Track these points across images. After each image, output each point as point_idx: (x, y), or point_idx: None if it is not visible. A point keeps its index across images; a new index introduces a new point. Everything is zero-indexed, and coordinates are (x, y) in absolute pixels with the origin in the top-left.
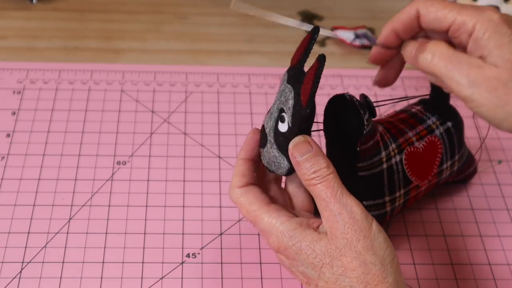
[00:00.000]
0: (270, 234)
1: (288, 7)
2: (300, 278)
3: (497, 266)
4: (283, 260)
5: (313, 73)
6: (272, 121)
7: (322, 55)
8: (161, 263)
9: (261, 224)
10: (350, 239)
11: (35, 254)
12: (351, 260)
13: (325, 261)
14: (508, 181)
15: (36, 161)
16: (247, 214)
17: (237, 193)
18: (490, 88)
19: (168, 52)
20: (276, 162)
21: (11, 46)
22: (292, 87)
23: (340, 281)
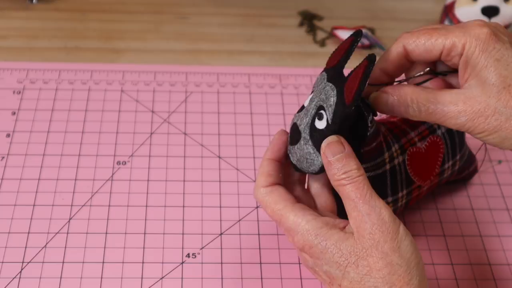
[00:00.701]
0: (295, 233)
1: (288, 7)
2: (323, 277)
3: (497, 266)
4: (307, 259)
5: (361, 71)
6: (308, 117)
7: (372, 55)
8: (161, 263)
9: (286, 222)
10: (377, 240)
11: (35, 254)
12: (377, 260)
13: (351, 260)
14: (508, 181)
15: (36, 161)
16: (272, 213)
17: (262, 192)
18: (482, 118)
19: (168, 52)
20: (309, 159)
21: (11, 46)
22: (334, 85)
23: (365, 281)
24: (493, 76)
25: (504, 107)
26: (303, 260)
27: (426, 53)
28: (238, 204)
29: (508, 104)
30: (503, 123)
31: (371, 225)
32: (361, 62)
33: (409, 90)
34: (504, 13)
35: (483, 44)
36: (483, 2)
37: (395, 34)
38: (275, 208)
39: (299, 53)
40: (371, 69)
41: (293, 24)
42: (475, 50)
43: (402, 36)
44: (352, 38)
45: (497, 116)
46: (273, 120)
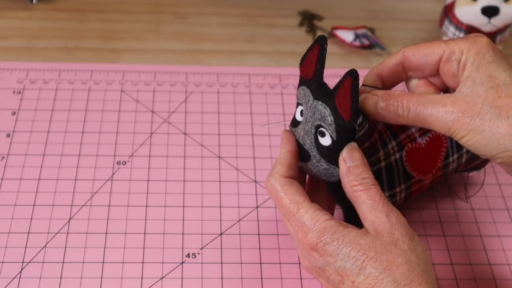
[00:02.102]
0: (310, 229)
1: (288, 7)
2: (333, 277)
3: (497, 266)
4: (314, 258)
5: (349, 89)
6: (310, 137)
7: (353, 70)
8: (161, 263)
9: (303, 217)
10: (396, 239)
11: (35, 254)
12: (396, 256)
13: (369, 254)
14: (508, 181)
15: (36, 161)
16: (289, 204)
17: (282, 181)
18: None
19: (168, 52)
20: (327, 173)
21: (11, 46)
22: (324, 104)
23: (383, 276)
24: (483, 75)
25: (489, 107)
26: (308, 260)
27: (425, 58)
28: (238, 204)
29: (494, 104)
30: (487, 122)
31: (390, 225)
32: (344, 78)
33: (399, 92)
34: (504, 13)
35: (479, 48)
36: (483, 2)
37: (395, 34)
38: (294, 199)
39: (299, 53)
40: (357, 84)
41: (293, 24)
42: (471, 55)
43: (404, 48)
44: (318, 45)
45: (482, 116)
46: (273, 120)
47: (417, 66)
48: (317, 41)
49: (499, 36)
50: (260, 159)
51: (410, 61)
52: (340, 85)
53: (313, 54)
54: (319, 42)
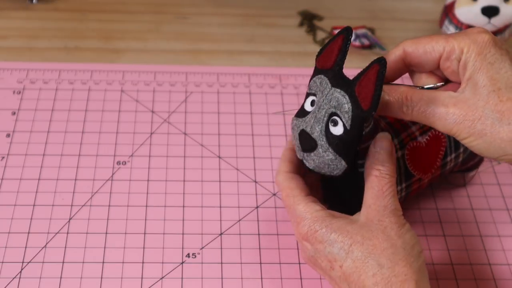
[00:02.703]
0: (302, 219)
1: (288, 7)
2: (323, 264)
3: (497, 266)
4: (307, 247)
5: (375, 76)
6: (321, 125)
7: (382, 58)
8: (161, 263)
9: (296, 209)
10: (385, 226)
11: (35, 254)
12: (382, 241)
13: (356, 239)
14: (508, 181)
15: (36, 161)
16: (286, 198)
17: (283, 177)
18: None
19: (168, 52)
20: (331, 164)
21: (11, 46)
22: (343, 91)
23: (369, 259)
24: (485, 78)
25: (491, 111)
26: (302, 249)
27: (425, 55)
28: (238, 204)
29: (496, 108)
30: (488, 127)
31: (382, 214)
32: (370, 66)
33: (404, 88)
34: (504, 13)
35: (480, 48)
36: (483, 2)
37: (395, 34)
38: (290, 193)
39: (299, 53)
40: (384, 73)
41: (293, 24)
42: (472, 54)
43: (403, 42)
44: (342, 36)
45: (483, 120)
46: (273, 120)
47: (417, 63)
48: (342, 32)
49: (499, 36)
50: (260, 159)
51: (410, 58)
52: (364, 73)
53: (335, 44)
54: (344, 33)
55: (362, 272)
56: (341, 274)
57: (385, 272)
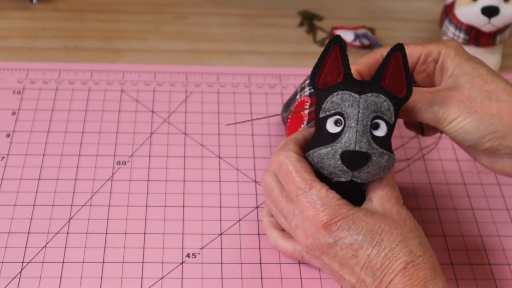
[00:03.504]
0: (324, 205)
1: (288, 7)
2: (343, 252)
3: (497, 266)
4: (324, 235)
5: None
6: (367, 136)
7: (399, 44)
8: (161, 263)
9: (317, 193)
10: (404, 217)
11: (35, 254)
12: (408, 232)
13: (384, 228)
14: (508, 181)
15: (36, 161)
16: (300, 181)
17: (294, 157)
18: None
19: (168, 52)
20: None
21: (11, 46)
22: (375, 93)
23: (400, 247)
24: (466, 67)
25: (478, 91)
26: (316, 237)
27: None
28: (238, 204)
29: (483, 89)
30: (478, 104)
31: (398, 206)
32: (390, 56)
33: None
34: (504, 13)
35: (456, 50)
36: (483, 2)
37: (395, 34)
38: (306, 177)
39: (299, 53)
40: (406, 58)
41: (293, 24)
42: (450, 54)
43: (381, 47)
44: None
45: (472, 99)
46: (273, 120)
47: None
48: (333, 43)
49: (499, 36)
50: (260, 159)
51: (362, 74)
52: (385, 65)
53: (334, 57)
54: (336, 44)
55: (392, 260)
56: (366, 262)
57: (416, 260)
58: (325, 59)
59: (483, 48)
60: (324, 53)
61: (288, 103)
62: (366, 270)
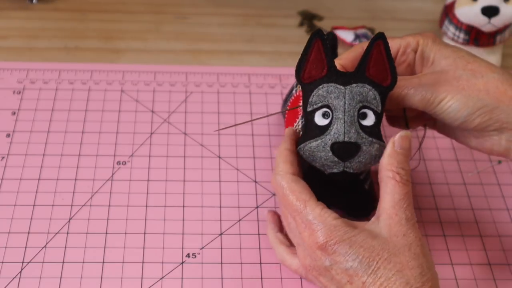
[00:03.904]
0: (318, 226)
1: (288, 7)
2: (339, 277)
3: (497, 266)
4: (320, 258)
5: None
6: (355, 126)
7: (380, 33)
8: (161, 263)
9: (310, 214)
10: (411, 242)
11: (35, 254)
12: (409, 260)
13: (383, 256)
14: (508, 181)
15: (36, 161)
16: (295, 202)
17: (288, 178)
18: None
19: (168, 52)
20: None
21: (11, 46)
22: (360, 83)
23: (396, 277)
24: (446, 51)
25: (463, 70)
26: (313, 258)
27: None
28: (238, 204)
29: (466, 68)
30: (464, 82)
31: (406, 228)
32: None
33: None
34: (504, 13)
35: (433, 39)
36: (483, 2)
37: (395, 34)
38: (300, 197)
39: (299, 53)
40: (388, 46)
41: (293, 24)
42: (428, 43)
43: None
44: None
45: (457, 79)
46: (273, 120)
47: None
48: (314, 37)
49: (499, 36)
50: (260, 159)
51: (346, 66)
52: (368, 55)
53: (317, 50)
54: (318, 37)
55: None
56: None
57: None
58: (308, 53)
59: (483, 48)
60: (306, 47)
61: (286, 99)
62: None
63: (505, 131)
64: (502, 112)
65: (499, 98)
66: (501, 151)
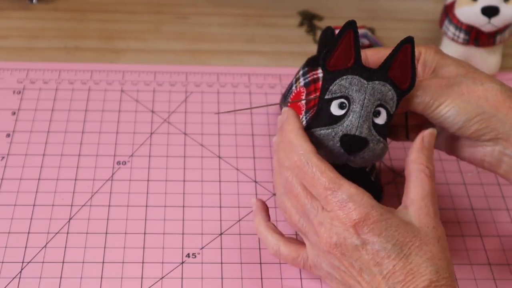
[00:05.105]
0: (356, 204)
1: (288, 7)
2: (367, 257)
3: (497, 266)
4: (352, 236)
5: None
6: (368, 122)
7: (409, 37)
8: (161, 263)
9: (347, 191)
10: (439, 236)
11: (35, 254)
12: (438, 251)
13: (415, 243)
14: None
15: (36, 161)
16: (328, 181)
17: (317, 157)
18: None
19: (168, 52)
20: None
21: (11, 46)
22: (382, 81)
23: (427, 264)
24: (448, 61)
25: (463, 77)
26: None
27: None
28: (238, 204)
29: (467, 75)
30: (464, 88)
31: (435, 221)
32: (400, 48)
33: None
34: (504, 13)
35: (436, 50)
36: (483, 2)
37: (395, 34)
38: (333, 176)
39: (299, 53)
40: (414, 52)
41: (293, 24)
42: (431, 53)
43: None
44: (352, 31)
45: (458, 84)
46: (273, 120)
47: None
48: (347, 27)
49: (499, 36)
50: (260, 159)
51: (369, 61)
52: (394, 56)
53: (347, 41)
54: (351, 28)
55: (417, 275)
56: (389, 272)
57: (441, 281)
58: (338, 42)
59: (483, 48)
60: (338, 36)
61: (285, 95)
62: (387, 281)
63: (499, 142)
64: (499, 121)
65: (497, 107)
66: (493, 163)
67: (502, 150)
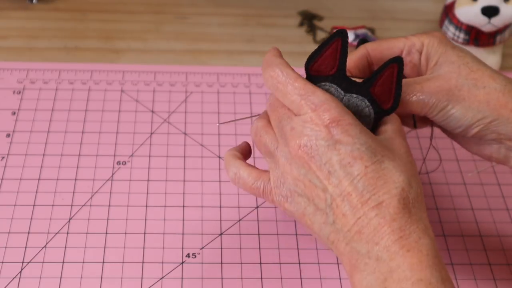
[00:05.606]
0: (332, 105)
1: (288, 7)
2: (340, 157)
3: (497, 266)
4: (324, 136)
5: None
6: None
7: (399, 57)
8: (161, 263)
9: (321, 96)
10: (411, 161)
11: (35, 254)
12: (412, 170)
13: (388, 153)
14: (508, 181)
15: (36, 161)
16: (302, 86)
17: (289, 67)
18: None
19: (168, 52)
20: None
21: (11, 46)
22: (360, 96)
23: (399, 174)
24: (452, 56)
25: (465, 79)
26: (316, 137)
27: (387, 50)
28: (238, 204)
29: (469, 77)
30: (465, 92)
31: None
32: (387, 66)
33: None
34: (504, 13)
35: (439, 39)
36: (483, 2)
37: (395, 34)
38: (308, 83)
39: (299, 53)
40: (402, 72)
41: (293, 24)
42: (434, 44)
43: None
44: (340, 40)
45: (459, 87)
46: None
47: (379, 59)
48: (336, 35)
49: (499, 36)
50: (260, 159)
51: (372, 55)
52: (380, 73)
53: (334, 48)
54: (341, 36)
55: (390, 181)
56: (360, 173)
57: (412, 193)
58: (324, 48)
59: (483, 48)
60: (325, 42)
61: None
62: (357, 183)
63: (503, 141)
64: (501, 125)
65: (499, 111)
66: (500, 159)
67: (508, 148)
